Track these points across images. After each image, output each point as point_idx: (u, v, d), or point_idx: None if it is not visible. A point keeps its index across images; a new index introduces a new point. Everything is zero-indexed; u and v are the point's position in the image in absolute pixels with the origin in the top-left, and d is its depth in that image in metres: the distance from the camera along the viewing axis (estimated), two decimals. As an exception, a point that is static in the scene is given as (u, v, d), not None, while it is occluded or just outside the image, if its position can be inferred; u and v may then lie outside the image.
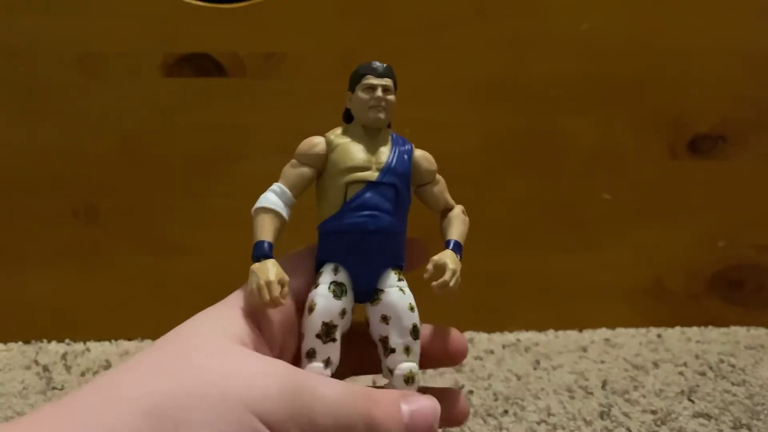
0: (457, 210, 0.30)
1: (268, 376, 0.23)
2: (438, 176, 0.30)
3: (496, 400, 0.57)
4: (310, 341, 0.27)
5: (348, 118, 0.29)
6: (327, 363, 0.27)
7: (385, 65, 0.29)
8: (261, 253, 0.27)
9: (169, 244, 0.64)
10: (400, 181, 0.28)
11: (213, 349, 0.24)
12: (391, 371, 0.28)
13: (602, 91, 0.63)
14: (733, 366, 0.63)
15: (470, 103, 0.63)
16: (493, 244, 0.66)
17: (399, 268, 0.29)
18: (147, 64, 0.60)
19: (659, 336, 0.68)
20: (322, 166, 0.28)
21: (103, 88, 0.60)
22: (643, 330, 0.69)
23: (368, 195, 0.27)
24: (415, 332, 0.28)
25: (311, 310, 0.27)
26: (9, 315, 0.65)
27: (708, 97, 0.64)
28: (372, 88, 0.28)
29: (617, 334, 0.68)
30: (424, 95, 0.61)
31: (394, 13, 0.60)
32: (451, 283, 0.27)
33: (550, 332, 0.68)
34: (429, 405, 0.26)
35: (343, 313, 0.27)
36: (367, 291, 0.28)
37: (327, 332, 0.27)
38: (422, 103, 0.60)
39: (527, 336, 0.68)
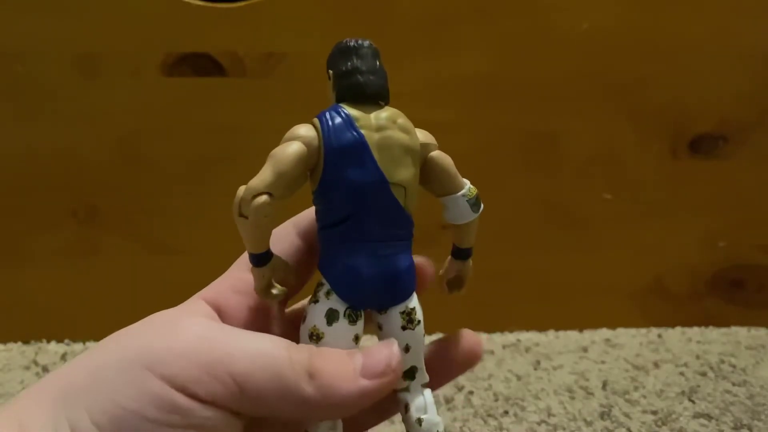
0: None
1: (170, 336, 0.22)
2: None
3: (496, 400, 0.57)
4: None
5: None
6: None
7: None
8: None
9: (169, 244, 0.64)
10: None
11: (140, 329, 0.23)
12: None
13: (602, 91, 0.63)
14: (733, 366, 0.62)
15: (470, 103, 0.63)
16: (493, 244, 0.66)
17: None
18: (147, 64, 0.60)
19: (660, 336, 0.68)
20: None
21: (102, 88, 0.60)
22: (643, 330, 0.69)
23: None
24: None
25: None
26: (9, 315, 0.64)
27: (708, 97, 0.64)
28: None
29: (618, 334, 0.68)
30: (425, 95, 0.61)
31: (394, 13, 0.60)
32: None
33: (551, 332, 0.68)
34: (381, 348, 0.24)
35: None
36: None
37: None
38: (422, 103, 0.60)
39: (527, 336, 0.68)
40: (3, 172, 0.62)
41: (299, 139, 0.23)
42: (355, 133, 0.23)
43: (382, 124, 0.24)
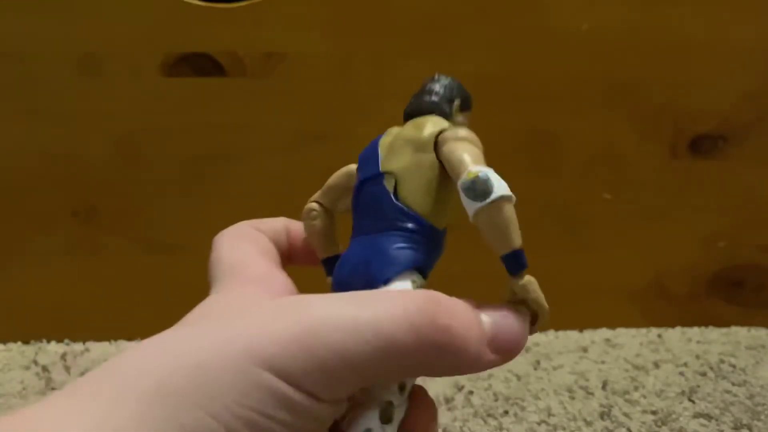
0: None
1: (276, 318, 0.19)
2: None
3: (496, 400, 0.57)
4: None
5: None
6: None
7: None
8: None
9: (169, 244, 0.64)
10: None
11: (221, 308, 0.21)
12: None
13: (602, 91, 0.63)
14: (733, 366, 0.62)
15: (470, 103, 0.63)
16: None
17: None
18: (147, 64, 0.60)
19: (660, 336, 0.68)
20: None
21: (103, 88, 0.60)
22: (643, 330, 0.69)
23: None
24: None
25: None
26: (9, 315, 0.64)
27: (708, 96, 0.64)
28: None
29: (617, 334, 0.68)
30: (424, 95, 0.61)
31: (394, 12, 0.60)
32: None
33: (551, 332, 0.68)
34: (513, 322, 0.21)
35: None
36: None
37: None
38: (422, 103, 0.60)
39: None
40: (3, 172, 0.62)
41: (354, 163, 0.25)
42: (374, 141, 0.25)
43: (402, 128, 0.25)
